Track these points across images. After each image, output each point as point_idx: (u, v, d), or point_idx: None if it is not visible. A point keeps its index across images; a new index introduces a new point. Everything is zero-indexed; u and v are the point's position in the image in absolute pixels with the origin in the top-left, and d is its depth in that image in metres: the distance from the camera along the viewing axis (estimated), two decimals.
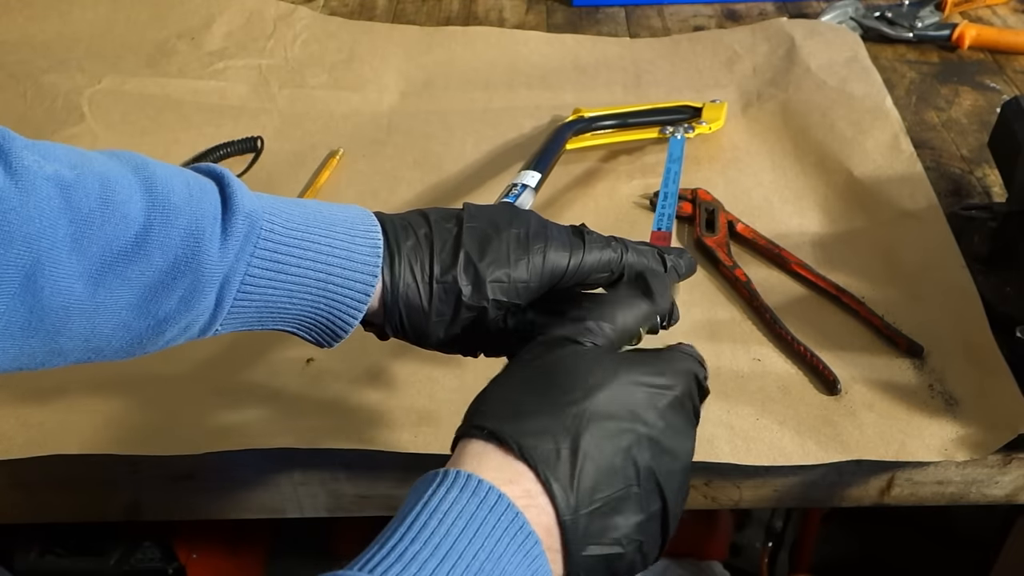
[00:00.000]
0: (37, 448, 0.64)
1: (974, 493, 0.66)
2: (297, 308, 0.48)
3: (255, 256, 0.46)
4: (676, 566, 1.09)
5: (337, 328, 0.50)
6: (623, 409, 0.42)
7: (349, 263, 0.48)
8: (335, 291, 0.48)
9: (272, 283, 0.47)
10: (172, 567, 0.97)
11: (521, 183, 0.75)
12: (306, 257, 0.47)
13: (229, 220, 0.45)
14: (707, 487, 0.66)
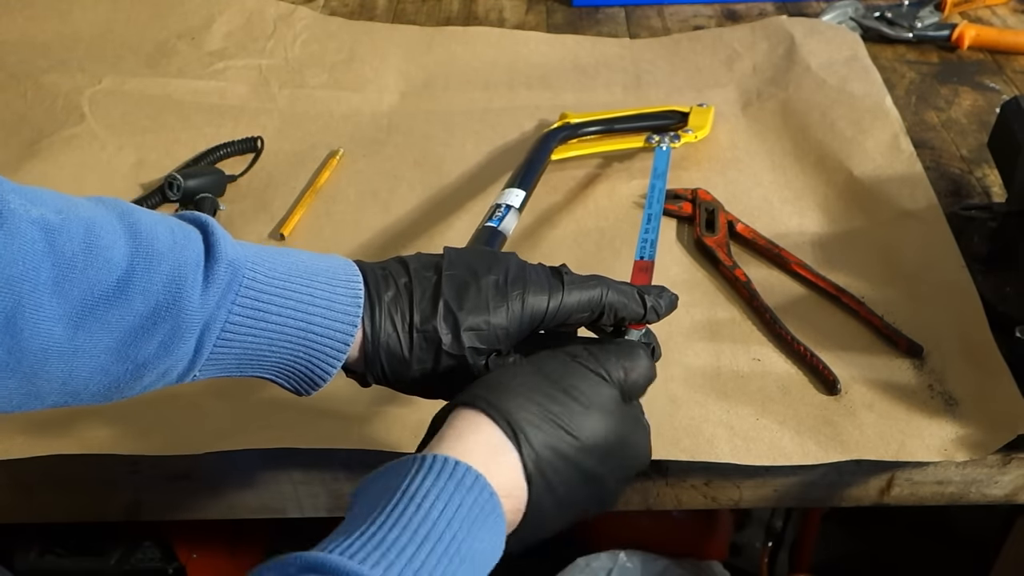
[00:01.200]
0: (37, 448, 0.64)
1: (974, 493, 0.66)
2: (277, 356, 0.49)
3: (236, 304, 0.46)
4: (676, 566, 1.09)
5: (316, 376, 0.50)
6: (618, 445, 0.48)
7: (329, 312, 0.48)
8: (315, 340, 0.48)
9: (252, 331, 0.47)
10: (172, 567, 0.97)
11: (505, 203, 0.72)
12: (287, 306, 0.48)
13: (212, 267, 0.46)
14: (707, 487, 0.66)
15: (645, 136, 0.88)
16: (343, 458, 0.64)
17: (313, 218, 0.84)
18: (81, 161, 0.89)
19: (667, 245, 0.80)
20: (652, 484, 0.66)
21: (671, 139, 0.87)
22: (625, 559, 1.07)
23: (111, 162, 0.90)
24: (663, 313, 0.55)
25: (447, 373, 0.52)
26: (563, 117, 0.92)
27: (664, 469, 0.65)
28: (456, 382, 0.51)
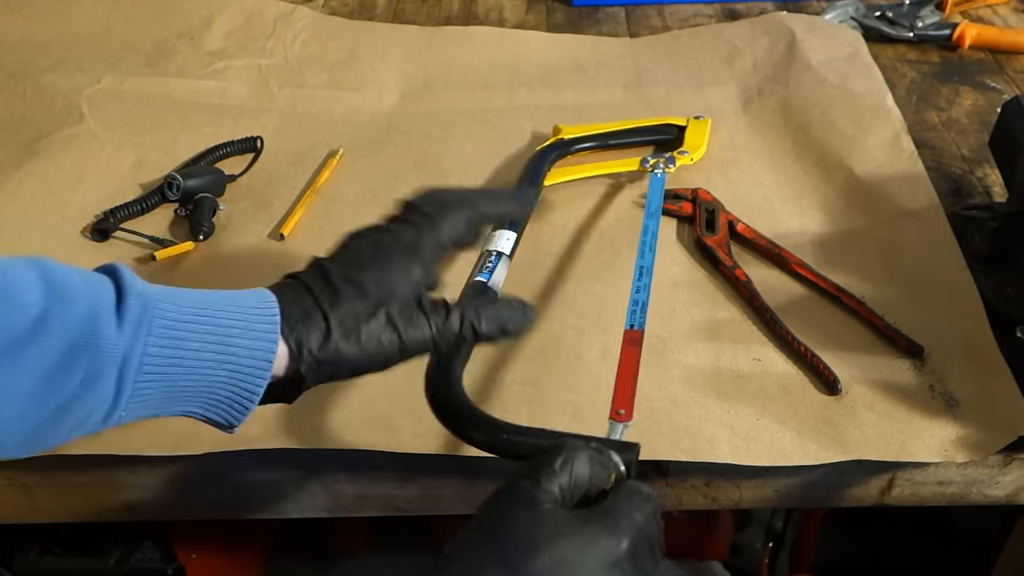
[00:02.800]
0: None
1: (975, 493, 0.66)
2: (200, 385, 0.48)
3: (152, 335, 0.46)
4: (676, 566, 1.09)
5: (243, 399, 0.50)
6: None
7: (249, 332, 0.48)
8: (237, 362, 0.48)
9: (171, 361, 0.47)
10: (171, 567, 0.96)
11: (495, 251, 0.70)
12: (204, 332, 0.48)
13: (123, 302, 0.46)
14: (707, 487, 0.66)
15: (640, 159, 0.86)
16: (343, 458, 0.64)
17: (313, 218, 0.84)
18: (80, 161, 0.89)
19: (667, 245, 0.80)
20: (652, 484, 0.66)
21: (666, 163, 0.85)
22: None
23: (110, 162, 0.90)
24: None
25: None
26: (556, 132, 0.91)
27: (664, 469, 0.65)
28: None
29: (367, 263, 0.53)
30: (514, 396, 0.67)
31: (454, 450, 0.63)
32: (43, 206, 0.84)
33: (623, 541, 0.45)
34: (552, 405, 0.66)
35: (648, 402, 0.66)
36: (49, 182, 0.87)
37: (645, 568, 0.45)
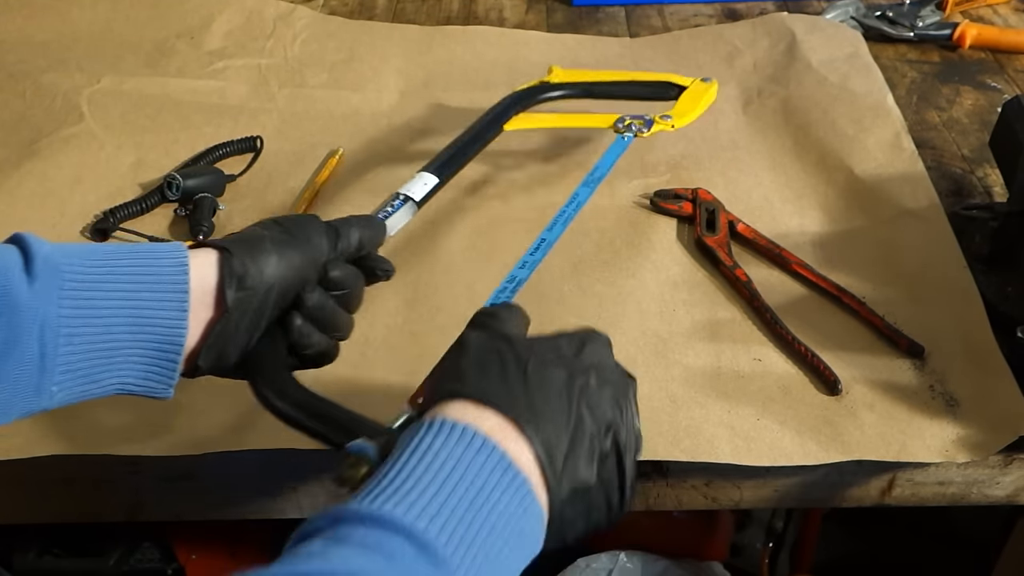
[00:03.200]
0: (37, 448, 0.64)
1: (975, 494, 0.66)
2: (122, 346, 0.49)
3: (63, 296, 0.47)
4: (676, 566, 1.08)
5: (167, 353, 0.50)
6: (556, 355, 0.47)
7: (157, 282, 0.49)
8: (150, 316, 0.49)
9: (87, 321, 0.47)
10: (171, 568, 0.96)
11: (404, 194, 0.67)
12: (113, 288, 0.48)
13: (30, 265, 0.46)
14: (707, 487, 0.66)
15: (615, 118, 0.79)
16: None
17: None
18: (80, 161, 0.89)
19: (667, 245, 0.80)
20: (652, 484, 0.66)
21: (642, 125, 0.77)
22: (625, 560, 1.07)
23: (110, 162, 0.90)
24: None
25: None
26: (550, 72, 0.87)
27: (664, 469, 0.65)
28: None
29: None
30: None
31: None
32: (43, 206, 0.84)
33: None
34: None
35: (648, 402, 0.66)
36: (49, 182, 0.87)
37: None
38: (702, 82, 0.84)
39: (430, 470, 0.40)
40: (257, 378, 0.54)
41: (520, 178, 0.86)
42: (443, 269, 0.78)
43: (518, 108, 0.82)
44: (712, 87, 0.85)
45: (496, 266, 0.78)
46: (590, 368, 0.47)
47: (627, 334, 0.71)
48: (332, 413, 0.53)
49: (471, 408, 0.44)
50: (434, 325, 0.73)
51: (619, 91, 0.85)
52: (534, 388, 0.45)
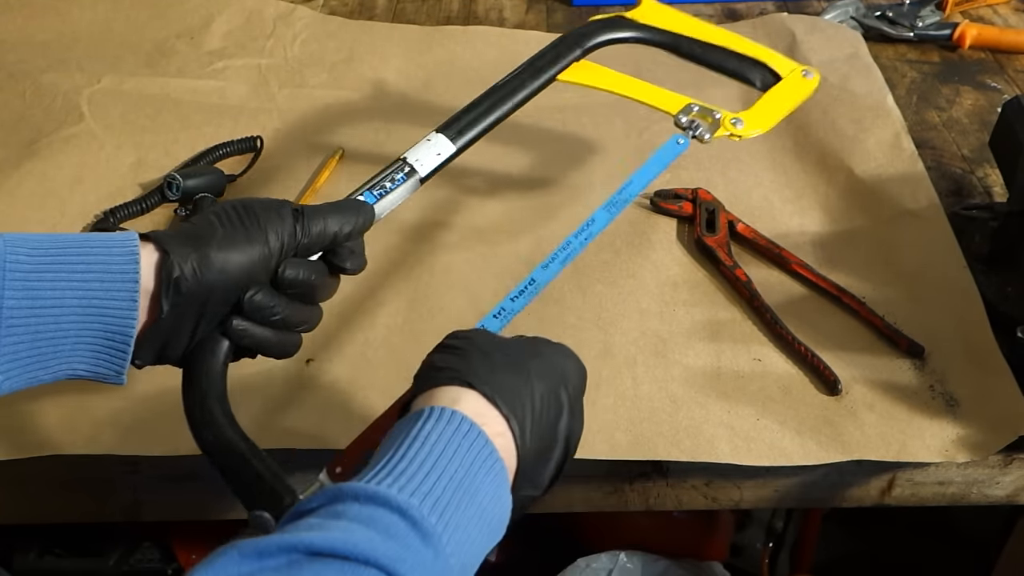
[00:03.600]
0: (37, 448, 0.64)
1: (975, 494, 0.66)
2: (70, 337, 0.48)
3: (7, 287, 0.46)
4: (676, 566, 1.08)
5: (118, 345, 0.49)
6: (556, 376, 0.51)
7: (108, 272, 0.48)
8: (100, 307, 0.48)
9: (32, 312, 0.47)
10: (171, 568, 0.96)
11: (409, 167, 0.61)
12: (61, 277, 0.47)
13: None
14: (707, 487, 0.66)
15: (685, 104, 0.70)
16: None
17: None
18: (80, 161, 0.89)
19: (667, 245, 0.80)
20: (652, 484, 0.66)
21: (709, 126, 0.68)
22: (625, 560, 1.07)
23: (110, 162, 0.90)
24: None
25: None
26: (639, 3, 0.75)
27: (664, 469, 0.65)
28: None
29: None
30: None
31: None
32: (43, 206, 0.84)
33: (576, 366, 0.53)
34: None
35: (648, 402, 0.66)
36: (48, 182, 0.86)
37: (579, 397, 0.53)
38: (802, 75, 0.72)
39: (423, 453, 0.43)
40: (189, 382, 0.53)
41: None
42: (443, 269, 0.78)
43: (584, 49, 0.70)
44: (810, 83, 0.72)
45: (496, 267, 0.78)
46: (541, 355, 0.52)
47: (627, 334, 0.71)
48: (248, 467, 0.51)
49: (455, 392, 0.48)
50: (434, 325, 0.73)
51: (706, 55, 0.73)
52: (503, 370, 0.49)
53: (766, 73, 0.71)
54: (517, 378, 0.49)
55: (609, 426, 0.64)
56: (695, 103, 0.69)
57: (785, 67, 0.71)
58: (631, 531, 1.11)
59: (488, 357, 0.50)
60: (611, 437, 0.64)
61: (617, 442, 0.63)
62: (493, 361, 0.49)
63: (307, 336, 0.71)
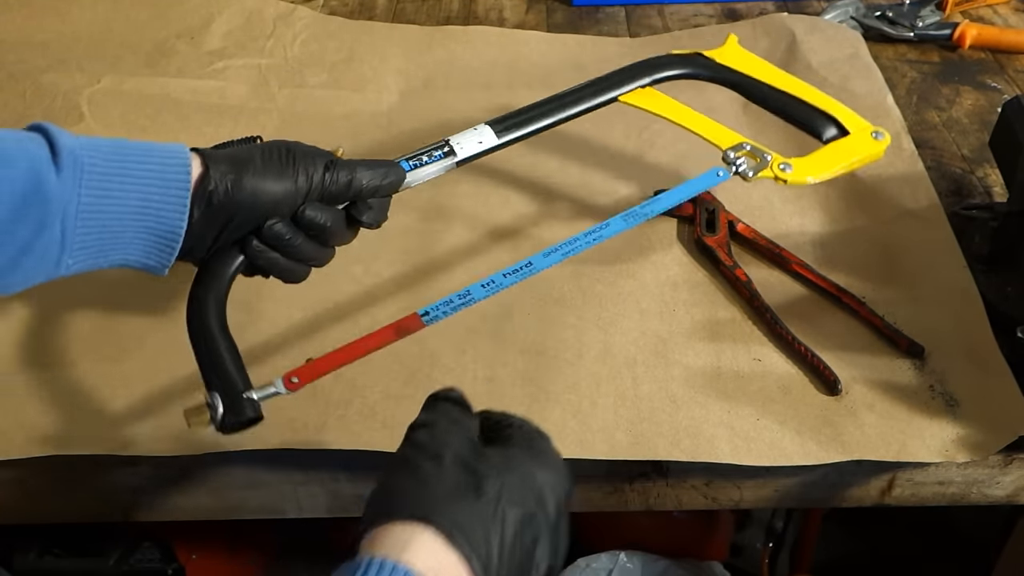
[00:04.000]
0: (37, 448, 0.64)
1: (975, 494, 0.66)
2: (129, 232, 0.55)
3: (83, 186, 0.53)
4: (676, 566, 1.08)
5: (168, 242, 0.56)
6: (531, 496, 0.46)
7: (163, 179, 0.55)
8: (156, 210, 0.55)
9: (102, 209, 0.54)
10: (171, 568, 0.96)
11: (450, 147, 0.66)
12: (126, 181, 0.54)
13: (57, 157, 0.53)
14: (707, 487, 0.66)
15: (738, 142, 0.69)
16: (343, 459, 0.64)
17: None
18: None
19: (667, 245, 0.80)
20: (652, 484, 0.66)
21: (755, 166, 0.67)
22: (625, 560, 1.07)
23: None
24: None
25: None
26: (726, 42, 0.76)
27: (664, 469, 0.65)
28: None
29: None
30: (514, 396, 0.66)
31: None
32: None
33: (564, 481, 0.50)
34: (552, 405, 0.66)
35: (648, 402, 0.66)
36: None
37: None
38: (871, 135, 0.69)
39: None
40: (199, 278, 0.60)
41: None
42: (443, 269, 0.78)
43: (654, 79, 0.72)
44: (877, 145, 0.69)
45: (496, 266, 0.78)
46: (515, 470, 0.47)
47: (627, 334, 0.71)
48: (218, 352, 0.58)
49: (407, 532, 0.43)
50: (434, 325, 0.73)
51: (774, 101, 0.73)
52: (468, 495, 0.44)
53: (833, 126, 0.70)
54: (485, 506, 0.44)
55: (609, 426, 0.64)
56: (748, 142, 0.69)
57: (855, 124, 0.70)
58: (631, 531, 1.11)
59: (450, 474, 0.45)
60: (611, 437, 0.64)
61: (617, 442, 0.63)
62: (457, 481, 0.44)
63: (307, 337, 0.72)
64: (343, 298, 0.75)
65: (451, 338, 0.72)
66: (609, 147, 0.91)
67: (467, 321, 0.73)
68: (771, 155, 0.68)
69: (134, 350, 0.72)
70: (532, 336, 0.71)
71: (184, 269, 0.78)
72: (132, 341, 0.72)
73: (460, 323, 0.72)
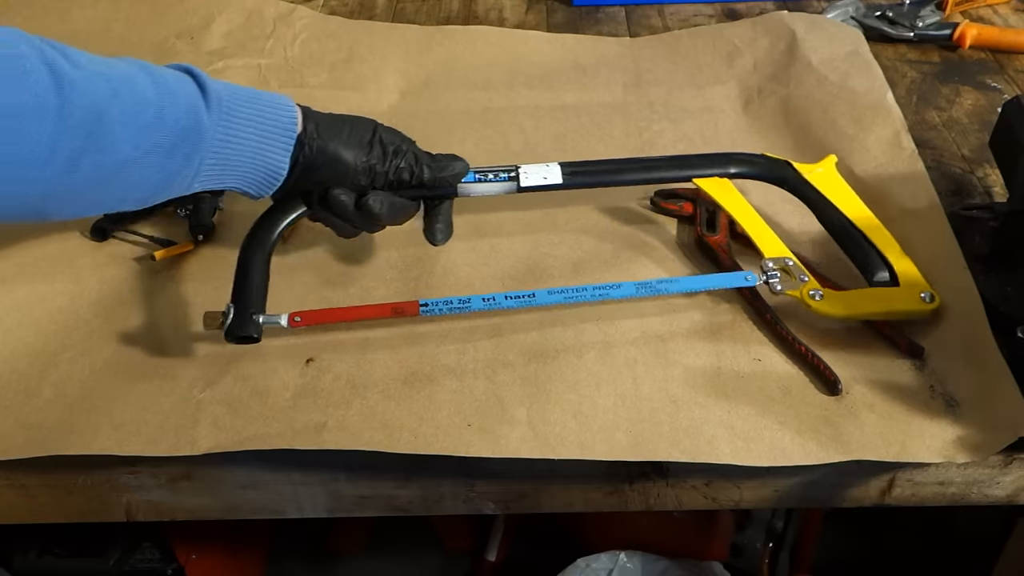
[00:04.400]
0: (37, 448, 0.64)
1: (975, 494, 0.66)
2: (246, 165, 0.64)
3: (221, 126, 0.62)
4: (676, 566, 1.09)
5: (272, 177, 0.66)
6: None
7: (276, 124, 0.65)
8: (267, 151, 0.65)
9: (230, 145, 0.63)
10: (171, 568, 0.97)
11: (515, 171, 0.74)
12: (249, 122, 0.63)
13: (206, 95, 0.61)
14: (707, 487, 0.66)
15: (776, 255, 0.72)
16: (342, 459, 0.64)
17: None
18: None
19: (668, 245, 0.80)
20: (652, 484, 0.66)
21: (785, 281, 0.70)
22: (625, 560, 1.07)
23: None
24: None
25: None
26: (824, 160, 0.79)
27: (664, 470, 0.65)
28: None
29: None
30: (514, 396, 0.66)
31: (454, 450, 0.63)
32: None
33: None
34: (552, 405, 0.66)
35: (648, 402, 0.66)
36: None
37: None
38: (919, 295, 0.70)
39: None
40: (266, 214, 0.70)
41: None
42: (443, 269, 0.78)
43: (739, 174, 0.77)
44: (921, 305, 0.70)
45: (496, 267, 0.78)
46: None
47: (627, 334, 0.71)
48: (249, 278, 0.68)
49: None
50: (434, 326, 0.73)
51: (839, 228, 0.75)
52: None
53: (885, 272, 0.72)
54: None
55: (609, 426, 0.64)
56: (792, 259, 0.72)
57: (910, 278, 0.71)
58: (631, 531, 1.11)
59: None
60: (611, 437, 0.64)
61: (617, 442, 0.63)
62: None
63: (307, 336, 0.72)
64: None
65: (451, 338, 0.72)
66: (609, 146, 0.91)
67: (467, 321, 0.73)
68: (809, 278, 0.70)
69: (134, 350, 0.72)
70: (532, 336, 0.71)
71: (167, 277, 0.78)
72: (132, 341, 0.72)
73: (460, 323, 0.73)
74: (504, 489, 0.67)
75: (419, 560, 1.39)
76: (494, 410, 0.65)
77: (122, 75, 0.58)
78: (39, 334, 0.73)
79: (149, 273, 0.78)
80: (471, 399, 0.67)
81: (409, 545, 1.40)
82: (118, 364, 0.71)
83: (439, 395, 0.67)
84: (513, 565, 1.34)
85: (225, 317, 0.65)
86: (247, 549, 1.13)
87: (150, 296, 0.76)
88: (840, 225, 0.75)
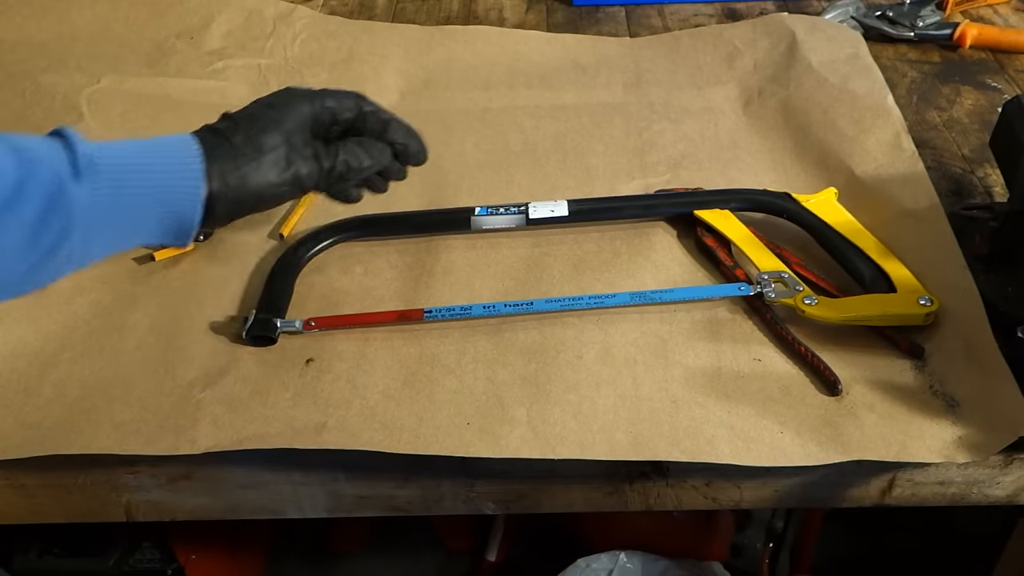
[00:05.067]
0: (36, 448, 0.64)
1: (975, 494, 0.66)
2: (148, 221, 0.59)
3: (101, 190, 0.56)
4: (676, 566, 1.09)
5: (184, 226, 0.61)
6: None
7: (179, 174, 0.60)
8: (172, 201, 0.60)
9: (121, 205, 0.57)
10: (171, 568, 0.97)
11: (526, 206, 0.79)
12: (144, 180, 0.58)
13: (76, 160, 0.55)
14: (708, 487, 0.66)
15: (772, 269, 0.74)
16: (342, 459, 0.64)
17: (313, 218, 0.84)
18: None
19: (667, 245, 0.80)
20: (652, 484, 0.66)
21: (780, 291, 0.72)
22: (625, 560, 1.07)
23: None
24: None
25: None
26: (823, 193, 0.81)
27: (664, 470, 0.65)
28: None
29: (267, 109, 0.65)
30: (514, 396, 0.66)
31: (454, 450, 0.63)
32: None
33: None
34: (552, 405, 0.66)
35: (648, 402, 0.66)
36: None
37: None
38: (917, 299, 0.70)
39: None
40: (299, 241, 0.77)
41: (536, 171, 0.88)
42: (443, 269, 0.78)
43: (738, 207, 0.80)
44: (917, 308, 0.70)
45: (496, 267, 0.78)
46: None
47: (627, 334, 0.71)
48: (272, 289, 0.75)
49: None
50: (434, 326, 0.73)
51: (838, 248, 0.76)
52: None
53: (882, 282, 0.73)
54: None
55: (609, 426, 0.64)
56: (788, 273, 0.73)
57: (905, 286, 0.72)
58: (631, 531, 1.11)
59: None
60: (611, 437, 0.64)
61: (617, 442, 0.63)
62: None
63: (307, 336, 0.72)
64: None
65: (451, 338, 0.72)
66: (609, 146, 0.91)
67: (467, 321, 0.73)
68: (802, 287, 0.72)
69: (134, 350, 0.72)
70: (532, 336, 0.71)
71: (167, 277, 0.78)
72: (132, 341, 0.72)
73: (460, 323, 0.73)
74: (504, 489, 0.67)
75: (419, 560, 1.39)
76: (494, 410, 0.65)
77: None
78: (39, 334, 0.73)
79: (149, 273, 0.78)
80: (471, 399, 0.67)
81: (409, 545, 1.40)
82: (118, 364, 0.71)
83: (439, 395, 0.67)
84: (513, 565, 1.34)
85: (247, 321, 0.71)
86: (247, 549, 1.13)
87: (150, 296, 0.76)
88: (838, 245, 0.76)
